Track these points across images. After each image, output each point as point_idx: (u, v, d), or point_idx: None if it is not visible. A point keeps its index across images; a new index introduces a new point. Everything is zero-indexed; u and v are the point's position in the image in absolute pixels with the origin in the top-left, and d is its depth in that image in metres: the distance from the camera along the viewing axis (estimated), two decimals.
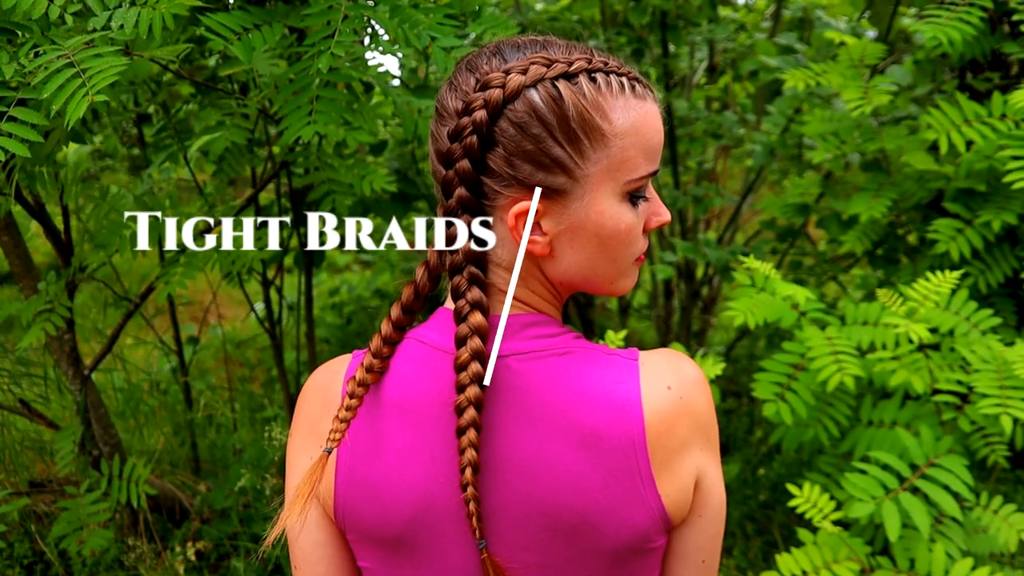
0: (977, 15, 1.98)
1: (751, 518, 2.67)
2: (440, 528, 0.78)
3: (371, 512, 0.78)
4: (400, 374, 0.80)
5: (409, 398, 0.79)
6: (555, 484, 0.76)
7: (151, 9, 1.27)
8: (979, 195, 2.22)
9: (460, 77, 0.78)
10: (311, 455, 0.82)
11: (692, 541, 0.83)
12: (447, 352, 0.79)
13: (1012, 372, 1.63)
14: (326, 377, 0.84)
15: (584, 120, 0.74)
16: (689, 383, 0.80)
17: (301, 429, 0.84)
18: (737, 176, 4.79)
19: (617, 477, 0.76)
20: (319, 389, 0.84)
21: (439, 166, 0.78)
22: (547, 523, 0.76)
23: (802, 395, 1.75)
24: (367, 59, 1.97)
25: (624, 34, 3.31)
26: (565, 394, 0.76)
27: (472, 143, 0.74)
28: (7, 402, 2.45)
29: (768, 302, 1.81)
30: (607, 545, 0.77)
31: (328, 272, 5.49)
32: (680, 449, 0.78)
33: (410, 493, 0.77)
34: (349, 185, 2.00)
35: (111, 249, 1.83)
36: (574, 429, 0.76)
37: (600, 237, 0.78)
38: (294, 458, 0.84)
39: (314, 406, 0.84)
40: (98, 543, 1.89)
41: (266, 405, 3.39)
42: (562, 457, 0.76)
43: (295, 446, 0.85)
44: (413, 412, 0.78)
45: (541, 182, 0.75)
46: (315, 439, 0.82)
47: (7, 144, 1.15)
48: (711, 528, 0.84)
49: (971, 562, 1.55)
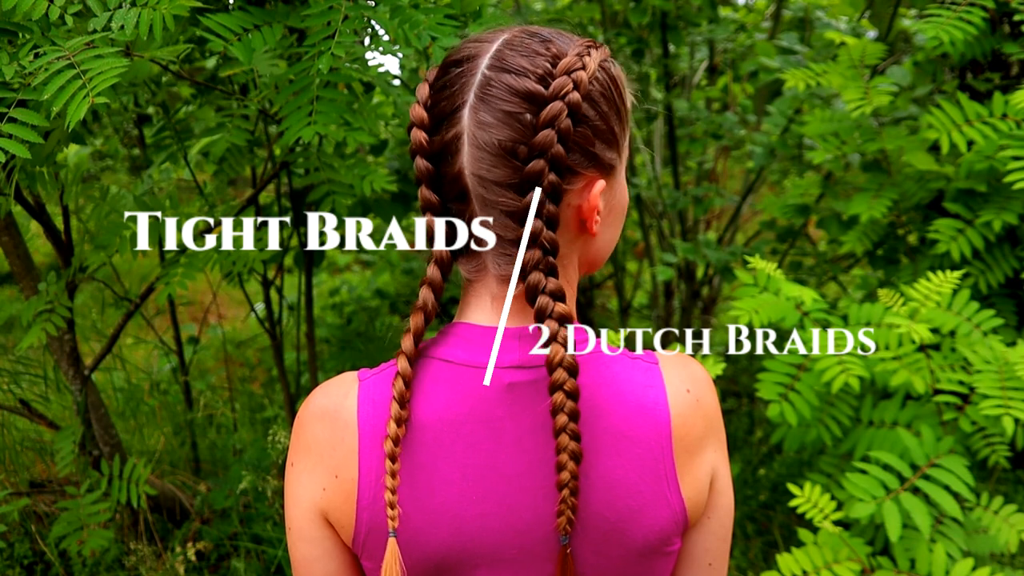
0: (978, 15, 1.98)
1: (751, 518, 2.67)
2: (479, 550, 0.76)
3: (402, 538, 0.75)
4: (428, 395, 0.76)
5: (440, 420, 0.75)
6: (593, 489, 0.75)
7: (151, 10, 1.27)
8: (980, 195, 2.22)
9: (517, 62, 0.74)
10: (323, 486, 0.77)
11: (700, 543, 0.84)
12: (476, 368, 0.76)
13: (1013, 373, 1.63)
14: (332, 402, 0.78)
15: (625, 98, 0.79)
16: (702, 385, 0.81)
17: (307, 457, 0.78)
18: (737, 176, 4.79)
19: (646, 480, 0.76)
20: (325, 416, 0.78)
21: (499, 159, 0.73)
22: (584, 527, 0.76)
23: (805, 396, 1.75)
24: (367, 59, 1.96)
25: (624, 34, 3.31)
26: (601, 398, 0.76)
27: (568, 127, 0.72)
28: (7, 402, 2.45)
29: (772, 302, 1.80)
30: (635, 548, 0.77)
31: (328, 272, 5.49)
32: (698, 450, 0.80)
33: (444, 515, 0.75)
34: (349, 185, 2.00)
35: (111, 249, 1.83)
36: (610, 433, 0.76)
37: (623, 211, 0.83)
38: (299, 489, 0.79)
39: (321, 433, 0.78)
40: (98, 543, 1.89)
41: (266, 405, 3.39)
42: (600, 461, 0.75)
43: (300, 476, 0.79)
44: (445, 433, 0.75)
45: (611, 160, 0.78)
46: (324, 468, 0.77)
47: (7, 145, 1.14)
48: (719, 530, 0.84)
49: (971, 562, 1.55)
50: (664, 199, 3.43)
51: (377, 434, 0.75)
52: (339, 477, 0.76)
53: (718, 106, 4.33)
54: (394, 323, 3.94)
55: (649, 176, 3.84)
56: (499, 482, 0.75)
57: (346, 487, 0.76)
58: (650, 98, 3.75)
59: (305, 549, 0.79)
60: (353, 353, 3.50)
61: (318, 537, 0.78)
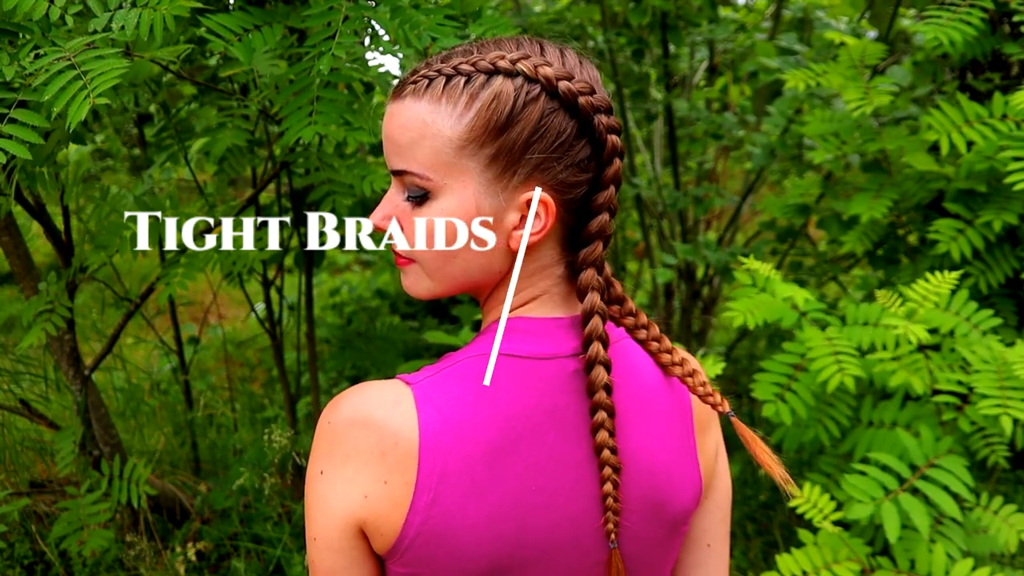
0: (977, 16, 1.98)
1: (751, 518, 2.67)
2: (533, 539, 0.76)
3: (460, 534, 0.74)
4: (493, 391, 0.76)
5: (506, 416, 0.75)
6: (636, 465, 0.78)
7: (152, 10, 1.27)
8: (980, 196, 2.22)
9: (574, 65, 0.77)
10: (365, 493, 0.74)
11: (698, 524, 0.86)
12: (542, 360, 0.77)
13: (1012, 372, 1.63)
14: (377, 409, 0.75)
15: None
16: (700, 368, 0.87)
17: (345, 466, 0.75)
18: (737, 176, 4.79)
19: (680, 455, 0.81)
20: (369, 423, 0.75)
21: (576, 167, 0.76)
22: (628, 507, 0.78)
23: (802, 396, 1.75)
24: (368, 60, 1.97)
25: (624, 34, 3.31)
26: (638, 377, 0.81)
27: None
28: (7, 402, 2.46)
29: (768, 303, 1.81)
30: (668, 524, 0.81)
31: (328, 272, 5.50)
32: (707, 427, 0.86)
33: (504, 508, 0.75)
34: (349, 185, 2.00)
35: (111, 249, 1.83)
36: (647, 411, 0.80)
37: None
38: (332, 498, 0.75)
39: (364, 441, 0.74)
40: (98, 543, 1.89)
41: (266, 405, 3.39)
42: (648, 439, 0.79)
43: (334, 484, 0.75)
44: (512, 429, 0.76)
45: None
46: (369, 475, 0.74)
47: (7, 146, 1.15)
48: (717, 511, 0.86)
49: (971, 562, 1.55)
50: (664, 199, 3.43)
51: (443, 438, 0.74)
52: (388, 483, 0.74)
53: (718, 106, 4.33)
54: (394, 323, 3.94)
55: (649, 176, 3.84)
56: (558, 471, 0.76)
57: (397, 492, 0.74)
58: (650, 98, 3.75)
59: (332, 559, 0.76)
60: (353, 353, 3.50)
61: (348, 547, 0.76)
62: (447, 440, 0.74)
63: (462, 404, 0.75)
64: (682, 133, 3.62)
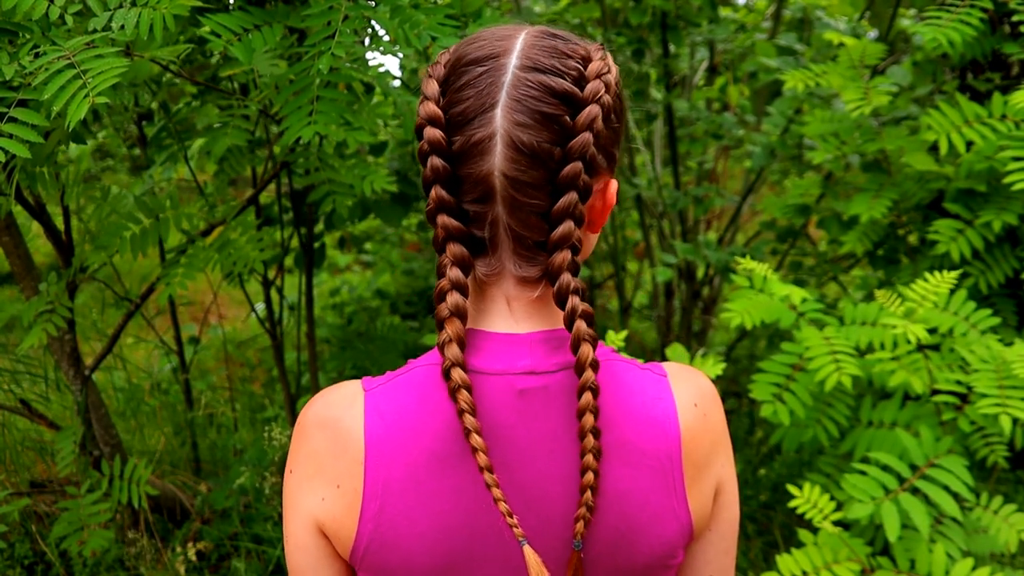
0: (977, 16, 1.98)
1: (751, 518, 2.67)
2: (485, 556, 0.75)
3: (404, 547, 0.74)
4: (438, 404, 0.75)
5: (451, 429, 0.74)
6: (605, 499, 0.75)
7: (152, 10, 1.27)
8: (979, 196, 2.22)
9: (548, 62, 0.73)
10: (322, 496, 0.76)
11: (700, 555, 0.83)
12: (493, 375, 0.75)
13: (1011, 372, 1.63)
14: (334, 412, 0.76)
15: (623, 98, 0.80)
16: (709, 399, 0.82)
17: (305, 467, 0.77)
18: (738, 176, 4.79)
19: (656, 493, 0.76)
20: (326, 425, 0.76)
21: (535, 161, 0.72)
22: (594, 538, 0.75)
23: (800, 396, 1.75)
24: (367, 59, 1.97)
25: (624, 34, 3.31)
26: (613, 409, 0.76)
27: (601, 130, 0.73)
28: (8, 402, 2.46)
29: (765, 303, 1.81)
30: (641, 561, 0.77)
31: (329, 272, 5.50)
32: (706, 464, 0.80)
33: (450, 524, 0.74)
34: (349, 185, 2.00)
35: (112, 249, 1.84)
36: (620, 445, 0.75)
37: None
38: (298, 497, 0.77)
39: (322, 442, 0.76)
40: (99, 543, 1.89)
41: (267, 405, 3.39)
42: (611, 471, 0.75)
43: (300, 484, 0.77)
44: (456, 443, 0.74)
45: (617, 160, 0.78)
46: (325, 478, 0.76)
47: (7, 145, 1.15)
48: (721, 543, 0.83)
49: (971, 562, 1.55)
50: (664, 199, 3.43)
51: (385, 446, 0.74)
52: (341, 488, 0.75)
53: (718, 106, 4.33)
54: (395, 323, 3.94)
55: (649, 176, 3.84)
56: (508, 491, 0.74)
57: (348, 499, 0.74)
58: (650, 98, 3.75)
59: (301, 558, 0.78)
60: (354, 353, 3.50)
61: (313, 546, 0.77)
62: (388, 449, 0.74)
63: (406, 413, 0.74)
64: (682, 133, 3.62)
